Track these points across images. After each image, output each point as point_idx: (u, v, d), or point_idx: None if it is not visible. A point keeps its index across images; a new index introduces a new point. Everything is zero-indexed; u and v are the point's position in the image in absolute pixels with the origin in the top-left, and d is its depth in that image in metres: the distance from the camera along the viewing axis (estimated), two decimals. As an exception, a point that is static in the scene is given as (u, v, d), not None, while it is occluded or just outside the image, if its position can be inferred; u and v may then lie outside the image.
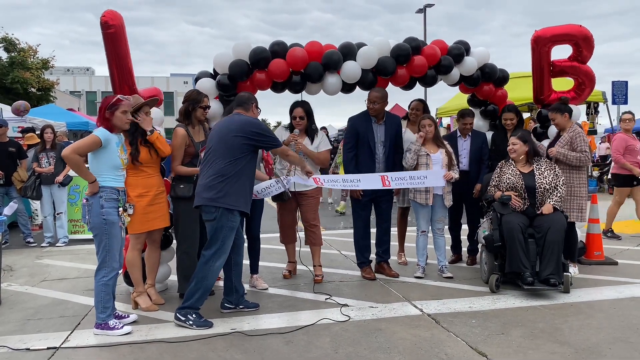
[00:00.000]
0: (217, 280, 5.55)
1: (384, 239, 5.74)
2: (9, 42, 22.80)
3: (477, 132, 6.05)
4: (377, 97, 5.43)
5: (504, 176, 5.15)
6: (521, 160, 5.15)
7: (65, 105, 22.57)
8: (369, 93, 5.48)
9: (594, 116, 11.88)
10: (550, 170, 5.09)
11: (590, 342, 3.73)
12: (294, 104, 5.46)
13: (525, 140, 5.13)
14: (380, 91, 5.47)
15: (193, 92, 4.90)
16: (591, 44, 5.58)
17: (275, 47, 5.28)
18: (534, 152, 5.18)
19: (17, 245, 8.08)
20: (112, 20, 4.74)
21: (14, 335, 4.11)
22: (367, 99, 5.49)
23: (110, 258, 4.03)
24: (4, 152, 7.95)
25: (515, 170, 5.12)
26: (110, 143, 4.03)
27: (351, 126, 5.64)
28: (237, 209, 4.19)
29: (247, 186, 4.28)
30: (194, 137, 4.78)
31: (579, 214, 5.47)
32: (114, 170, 4.07)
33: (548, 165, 5.13)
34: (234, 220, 4.21)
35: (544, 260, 4.79)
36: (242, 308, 4.55)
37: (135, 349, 3.77)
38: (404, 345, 3.74)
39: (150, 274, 4.86)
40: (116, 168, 4.09)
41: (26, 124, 10.64)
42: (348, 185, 5.31)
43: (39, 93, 23.41)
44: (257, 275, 5.40)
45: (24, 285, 5.69)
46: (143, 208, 4.50)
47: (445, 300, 4.80)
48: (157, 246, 4.83)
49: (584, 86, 5.79)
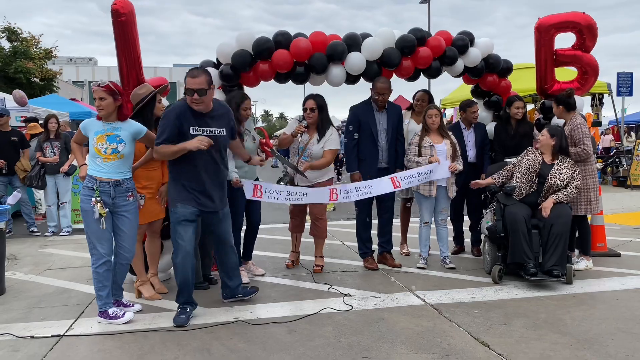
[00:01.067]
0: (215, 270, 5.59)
1: (385, 229, 5.74)
2: (12, 31, 22.75)
3: (478, 123, 6.05)
4: (386, 88, 5.44)
5: (525, 158, 5.12)
6: (547, 152, 5.10)
7: (68, 95, 22.53)
8: (377, 85, 5.45)
9: (599, 108, 11.82)
10: (569, 170, 4.99)
11: (593, 333, 3.74)
12: (307, 96, 5.41)
13: (553, 134, 5.05)
14: (387, 82, 5.48)
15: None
16: (594, 32, 5.54)
17: (279, 38, 5.25)
18: (560, 149, 5.07)
19: (21, 234, 8.12)
20: (123, 9, 4.73)
21: (19, 323, 4.13)
22: (374, 90, 5.47)
23: (93, 246, 4.01)
24: (6, 142, 7.96)
25: (538, 156, 5.08)
26: (88, 132, 4.08)
27: (354, 115, 5.62)
28: (176, 203, 4.09)
29: (180, 181, 4.09)
30: None
31: (588, 206, 5.37)
32: (93, 159, 4.04)
33: (570, 164, 5.04)
34: (177, 214, 4.08)
35: (548, 251, 4.78)
36: (241, 297, 4.55)
37: (139, 337, 3.79)
38: (406, 334, 3.76)
39: (152, 264, 4.88)
40: (94, 156, 4.03)
41: (29, 114, 10.64)
42: (361, 194, 5.33)
43: (42, 83, 23.38)
44: (251, 262, 5.45)
45: (28, 274, 5.72)
46: (144, 200, 4.56)
47: (447, 290, 4.80)
48: (157, 236, 4.87)
49: (588, 76, 5.75)
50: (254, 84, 5.41)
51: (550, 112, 5.79)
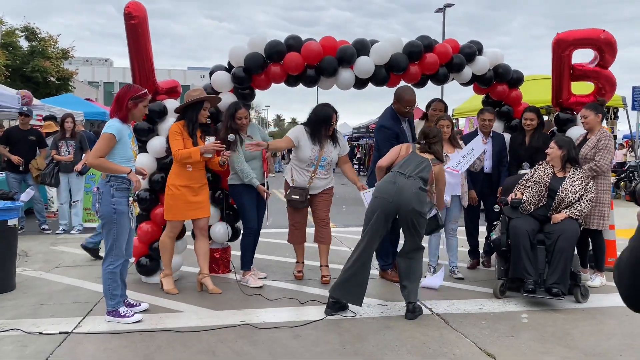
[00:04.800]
0: (226, 273, 5.60)
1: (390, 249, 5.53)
2: (30, 31, 23.10)
3: (497, 134, 5.91)
4: (413, 101, 5.42)
5: (536, 172, 5.05)
6: (557, 165, 5.03)
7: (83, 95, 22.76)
8: (406, 97, 5.38)
9: (613, 121, 11.73)
10: (582, 182, 4.89)
11: (601, 348, 3.70)
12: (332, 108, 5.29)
13: (560, 145, 4.94)
14: (415, 94, 5.47)
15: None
16: (614, 49, 5.47)
17: (290, 41, 5.31)
18: (570, 159, 4.96)
19: (33, 231, 8.21)
20: (136, 12, 4.79)
21: (28, 319, 4.18)
22: (403, 104, 5.38)
23: (117, 247, 4.08)
24: (25, 140, 8.10)
25: (549, 169, 4.99)
26: (123, 136, 4.08)
27: (390, 129, 5.41)
28: None
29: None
30: None
31: (601, 220, 5.23)
32: (127, 162, 4.11)
33: (582, 176, 4.93)
34: None
35: (551, 268, 4.66)
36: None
37: (146, 337, 3.81)
38: (412, 343, 3.74)
39: (203, 264, 5.00)
40: (128, 159, 4.13)
41: (45, 112, 10.77)
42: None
43: (58, 82, 23.71)
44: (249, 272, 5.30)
45: (38, 271, 5.78)
46: (186, 198, 4.74)
47: (455, 300, 4.78)
48: (205, 235, 5.04)
49: (604, 91, 5.69)
50: (265, 86, 5.45)
51: (565, 124, 5.74)
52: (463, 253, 6.19)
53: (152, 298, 4.71)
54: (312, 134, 5.23)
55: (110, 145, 4.01)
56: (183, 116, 4.84)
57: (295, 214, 5.39)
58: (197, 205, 4.85)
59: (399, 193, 4.25)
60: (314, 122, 5.27)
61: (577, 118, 5.65)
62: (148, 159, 5.08)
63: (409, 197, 4.24)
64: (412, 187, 4.27)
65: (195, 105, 4.82)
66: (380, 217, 4.30)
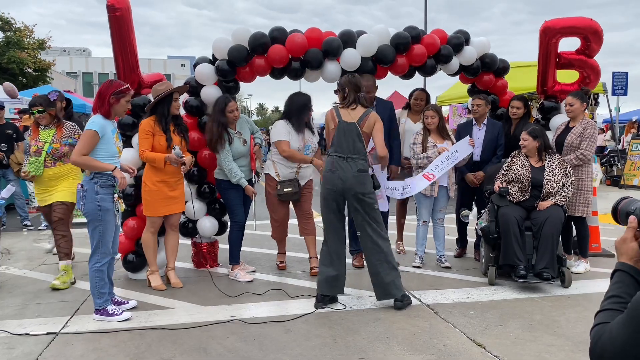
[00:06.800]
0: (215, 267, 5.58)
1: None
2: (5, 21, 22.57)
3: (493, 121, 5.79)
4: (372, 86, 5.32)
5: (513, 167, 5.09)
6: (533, 155, 5.08)
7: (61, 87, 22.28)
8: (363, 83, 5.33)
9: (593, 107, 11.85)
10: (561, 169, 4.99)
11: (587, 335, 3.73)
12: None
13: (535, 135, 4.99)
14: (372, 79, 5.38)
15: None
16: (600, 38, 5.52)
17: (275, 33, 5.23)
18: (545, 147, 5.05)
19: (14, 228, 8.08)
20: (119, 4, 4.69)
21: (13, 319, 4.12)
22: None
23: (103, 244, 4.03)
24: (1, 134, 7.90)
25: (525, 162, 5.04)
26: (106, 132, 4.01)
27: None
28: None
29: None
30: None
31: (585, 208, 5.32)
32: (111, 158, 4.05)
33: (560, 163, 5.02)
34: None
35: (539, 253, 4.77)
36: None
37: (135, 335, 3.78)
38: (402, 335, 3.77)
39: (170, 258, 5.01)
40: (112, 156, 4.07)
41: (22, 105, 10.53)
42: (406, 193, 5.42)
43: (35, 74, 23.23)
44: (238, 266, 5.30)
45: (22, 269, 5.69)
46: (163, 193, 4.70)
47: (443, 290, 4.82)
48: (175, 230, 5.01)
49: (589, 80, 5.74)
50: (250, 79, 5.38)
51: (549, 112, 5.79)
52: (450, 241, 6.25)
53: (140, 295, 4.67)
54: (296, 124, 5.21)
55: (93, 142, 3.94)
56: (154, 112, 4.70)
57: (280, 209, 5.37)
58: (173, 200, 4.81)
59: (340, 179, 4.26)
60: (295, 111, 5.24)
61: (561, 106, 5.69)
62: (133, 154, 5.00)
63: (350, 182, 4.24)
64: (352, 170, 4.25)
65: (164, 99, 4.67)
66: (332, 206, 4.35)
